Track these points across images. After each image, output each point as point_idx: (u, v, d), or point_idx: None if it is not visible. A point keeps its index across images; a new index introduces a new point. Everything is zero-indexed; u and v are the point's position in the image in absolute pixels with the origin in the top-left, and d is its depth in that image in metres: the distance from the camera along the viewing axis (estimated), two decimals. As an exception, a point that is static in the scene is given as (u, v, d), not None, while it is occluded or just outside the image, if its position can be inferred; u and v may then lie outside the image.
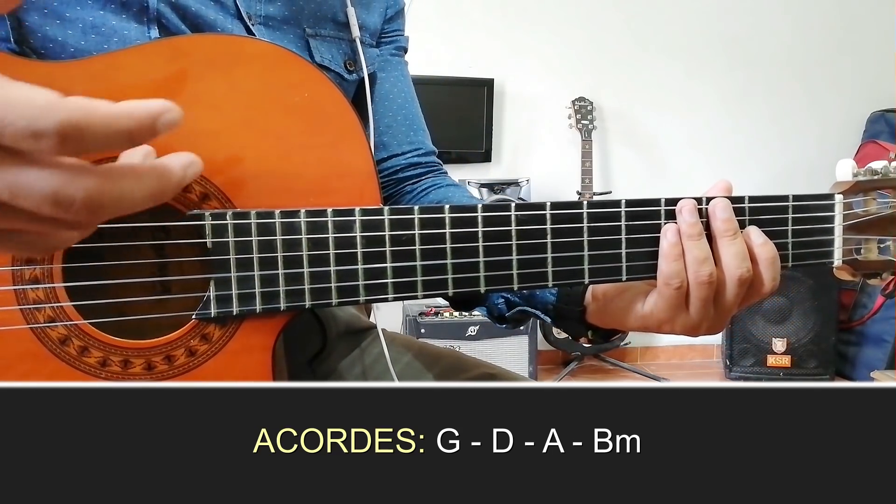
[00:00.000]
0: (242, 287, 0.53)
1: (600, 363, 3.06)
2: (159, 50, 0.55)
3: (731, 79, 3.16)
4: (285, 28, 0.69)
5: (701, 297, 0.55)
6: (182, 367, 0.55)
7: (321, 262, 0.54)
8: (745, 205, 0.58)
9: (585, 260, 0.56)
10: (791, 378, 2.86)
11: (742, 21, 3.14)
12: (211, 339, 0.55)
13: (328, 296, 0.54)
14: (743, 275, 0.55)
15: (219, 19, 0.65)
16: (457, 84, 2.91)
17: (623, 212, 0.56)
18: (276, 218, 0.53)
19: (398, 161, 0.80)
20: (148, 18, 0.61)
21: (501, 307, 0.70)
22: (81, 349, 0.53)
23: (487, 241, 0.55)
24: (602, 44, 3.06)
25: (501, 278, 0.56)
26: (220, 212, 0.53)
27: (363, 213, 0.54)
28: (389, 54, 0.81)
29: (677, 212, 0.56)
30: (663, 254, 0.56)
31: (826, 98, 3.23)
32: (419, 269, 0.55)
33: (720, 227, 0.56)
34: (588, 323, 0.64)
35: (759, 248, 0.56)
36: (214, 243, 0.53)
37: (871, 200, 0.61)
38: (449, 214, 0.54)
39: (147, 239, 0.58)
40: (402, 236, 0.54)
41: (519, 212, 0.55)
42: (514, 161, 3.08)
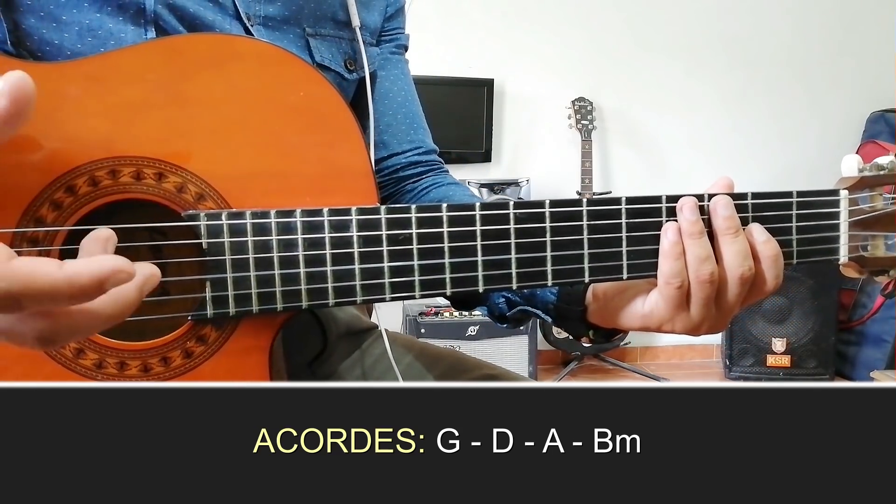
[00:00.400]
0: (238, 288, 0.53)
1: (600, 363, 3.06)
2: (154, 49, 0.55)
3: (731, 78, 3.16)
4: (285, 28, 0.69)
5: (702, 297, 0.55)
6: (179, 368, 0.55)
7: (318, 262, 0.53)
8: (749, 201, 0.57)
9: (585, 259, 0.56)
10: (791, 378, 2.86)
11: (742, 21, 3.14)
12: (207, 340, 0.55)
13: (325, 296, 0.54)
14: (745, 273, 0.55)
15: (217, 20, 0.64)
16: (457, 84, 2.91)
17: (623, 209, 0.56)
18: (272, 218, 0.53)
19: (398, 160, 0.80)
20: (145, 20, 0.61)
21: (502, 306, 0.70)
22: (77, 351, 0.53)
23: (486, 240, 0.55)
24: (602, 44, 3.07)
25: (500, 277, 0.55)
26: (215, 212, 0.53)
27: (360, 213, 0.53)
28: (389, 52, 0.81)
29: (678, 210, 0.56)
30: (664, 253, 0.55)
31: (826, 98, 3.23)
32: (417, 268, 0.54)
33: (721, 224, 0.55)
34: (589, 322, 0.64)
35: (761, 246, 0.56)
36: (210, 244, 0.53)
37: (877, 196, 0.60)
38: (447, 213, 0.54)
39: (143, 240, 0.57)
40: (399, 236, 0.54)
41: (518, 210, 0.55)
42: (514, 161, 3.08)
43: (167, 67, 0.54)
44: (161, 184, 0.53)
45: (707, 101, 3.16)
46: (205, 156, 0.53)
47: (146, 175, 0.53)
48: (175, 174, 0.53)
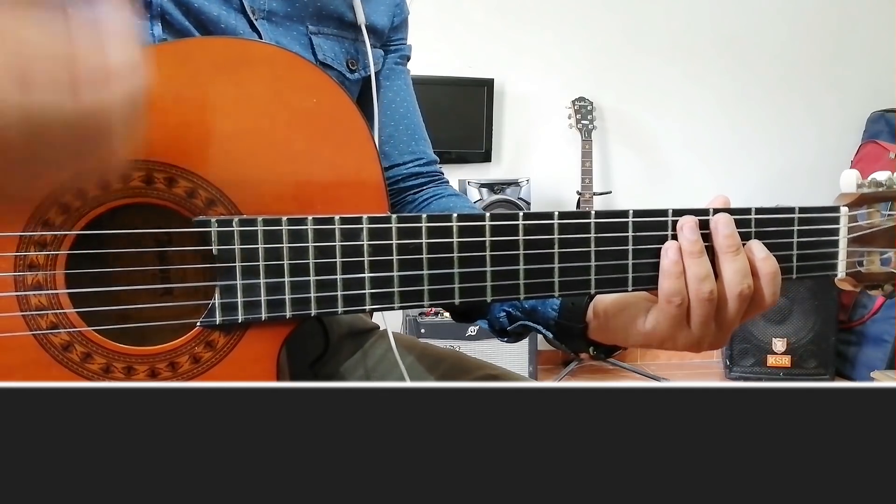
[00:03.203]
0: (248, 295, 0.53)
1: (600, 363, 3.06)
2: (166, 53, 0.55)
3: (731, 79, 3.16)
4: (288, 24, 0.69)
5: (702, 314, 0.55)
6: (186, 373, 0.55)
7: (328, 270, 0.53)
8: (752, 216, 0.58)
9: (592, 270, 0.56)
10: (791, 378, 2.86)
11: (742, 21, 3.14)
12: (215, 346, 0.55)
13: (334, 304, 0.54)
14: (744, 291, 0.55)
15: (222, 15, 0.64)
16: (457, 84, 2.91)
17: (630, 222, 0.56)
18: (283, 225, 0.53)
19: (399, 171, 0.80)
20: (151, 14, 0.61)
21: (503, 321, 0.70)
22: (84, 355, 0.53)
23: (495, 250, 0.55)
24: (602, 44, 3.06)
25: (508, 288, 0.55)
26: (226, 218, 0.53)
27: (371, 221, 0.53)
28: (394, 63, 0.81)
29: (678, 229, 0.56)
30: (664, 272, 0.56)
31: (826, 98, 3.22)
32: (426, 277, 0.54)
33: (723, 243, 0.56)
34: (590, 339, 0.64)
35: (760, 263, 0.56)
36: (220, 250, 0.53)
37: (874, 212, 0.61)
38: (457, 223, 0.54)
39: (152, 245, 0.57)
40: (409, 245, 0.54)
41: (527, 221, 0.55)
42: (514, 161, 3.08)
43: (179, 71, 0.53)
44: (171, 189, 0.53)
45: (707, 101, 3.16)
46: (216, 161, 0.53)
47: (157, 179, 0.53)
48: (186, 179, 0.53)
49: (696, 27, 3.11)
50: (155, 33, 0.61)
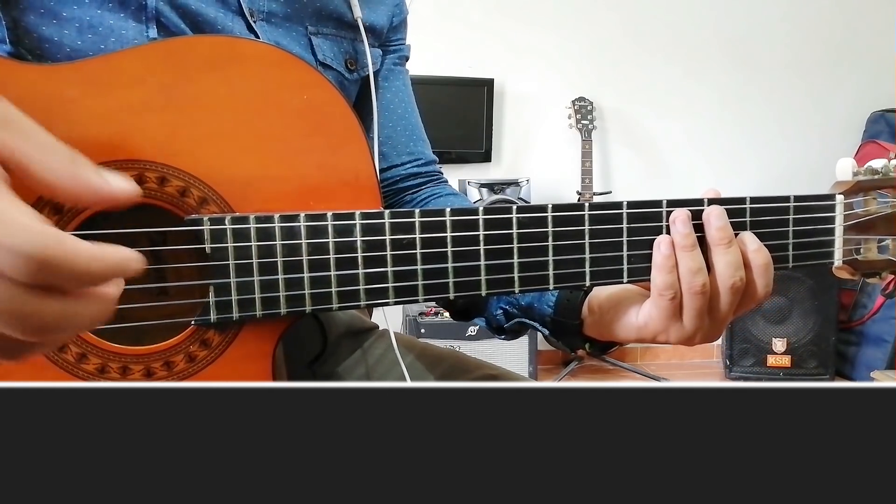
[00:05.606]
0: (242, 292, 0.53)
1: (600, 363, 3.06)
2: (155, 51, 0.55)
3: (731, 78, 3.16)
4: (287, 25, 0.69)
5: (694, 307, 0.55)
6: (181, 372, 0.55)
7: (321, 266, 0.53)
8: (747, 206, 0.57)
9: (587, 262, 0.56)
10: (791, 378, 2.86)
11: (742, 21, 3.14)
12: (210, 344, 0.55)
13: (329, 300, 0.54)
14: (736, 283, 0.55)
15: (220, 16, 0.64)
16: (457, 84, 2.91)
17: (625, 213, 0.56)
18: (276, 222, 0.52)
19: (398, 171, 0.80)
20: (146, 17, 0.60)
21: (500, 318, 0.70)
22: (80, 356, 0.53)
23: (489, 244, 0.55)
24: (602, 44, 3.06)
25: (503, 281, 0.55)
26: (218, 216, 0.53)
27: (364, 217, 0.53)
28: (392, 63, 0.81)
29: (671, 222, 0.56)
30: (657, 266, 0.56)
31: (826, 98, 3.22)
32: (420, 272, 0.54)
33: (715, 235, 0.56)
34: (585, 336, 0.64)
35: (752, 254, 0.56)
36: (213, 248, 0.52)
37: (871, 200, 0.60)
38: (450, 218, 0.54)
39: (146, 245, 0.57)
40: (402, 240, 0.54)
41: (520, 214, 0.55)
42: (514, 161, 3.08)
43: (168, 70, 0.53)
44: (163, 188, 0.53)
45: (707, 101, 3.16)
46: (208, 160, 0.53)
47: (148, 179, 0.53)
48: (178, 178, 0.53)
49: (697, 27, 3.11)
50: (150, 36, 0.61)
